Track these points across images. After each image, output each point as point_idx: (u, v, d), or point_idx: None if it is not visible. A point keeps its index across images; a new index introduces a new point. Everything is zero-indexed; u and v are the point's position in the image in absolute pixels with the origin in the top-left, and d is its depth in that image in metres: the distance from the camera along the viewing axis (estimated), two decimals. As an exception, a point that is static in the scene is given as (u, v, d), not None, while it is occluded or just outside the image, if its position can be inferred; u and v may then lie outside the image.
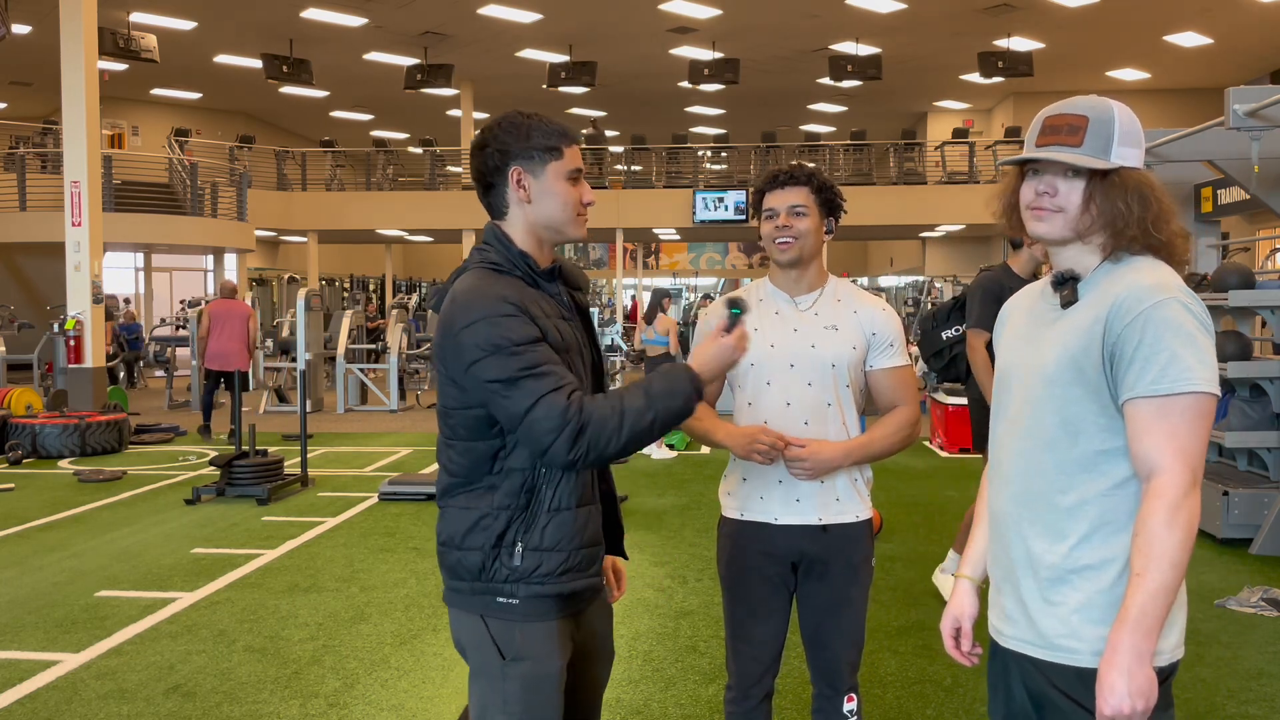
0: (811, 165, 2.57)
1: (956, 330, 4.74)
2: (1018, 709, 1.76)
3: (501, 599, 1.93)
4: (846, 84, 19.50)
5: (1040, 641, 1.69)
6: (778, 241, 2.49)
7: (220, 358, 10.72)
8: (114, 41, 14.79)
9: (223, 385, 11.18)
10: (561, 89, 19.05)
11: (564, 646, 1.99)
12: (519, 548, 1.92)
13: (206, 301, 15.77)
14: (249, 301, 15.24)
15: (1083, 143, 1.68)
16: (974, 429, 4.69)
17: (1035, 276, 4.62)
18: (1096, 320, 1.64)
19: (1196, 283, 6.66)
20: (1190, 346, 1.57)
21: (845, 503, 2.50)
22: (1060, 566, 1.67)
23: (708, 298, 20.89)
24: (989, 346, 4.48)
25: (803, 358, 2.48)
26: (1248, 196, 6.67)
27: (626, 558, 2.30)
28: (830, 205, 2.53)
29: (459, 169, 24.39)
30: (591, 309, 2.11)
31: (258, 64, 18.37)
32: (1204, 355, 1.58)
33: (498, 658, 1.94)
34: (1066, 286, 1.73)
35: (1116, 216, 1.67)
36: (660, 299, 10.32)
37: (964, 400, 8.80)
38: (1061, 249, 1.74)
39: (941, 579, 4.85)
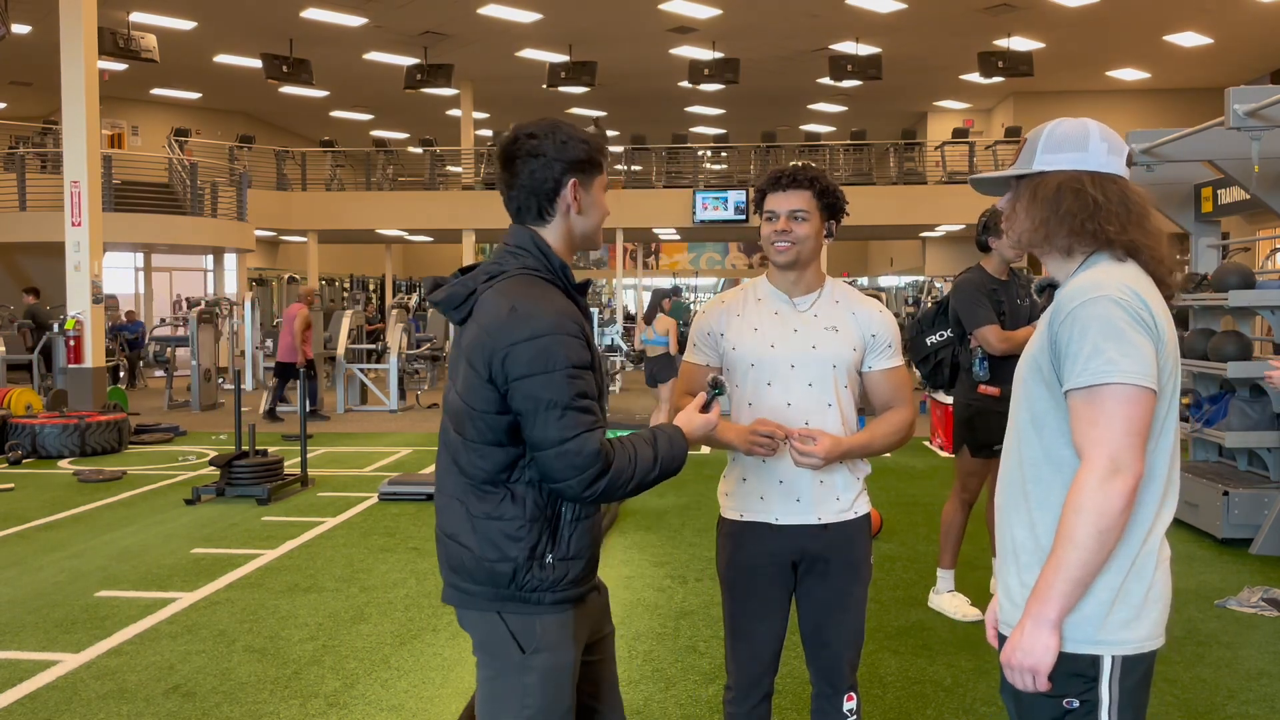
0: (816, 167, 2.56)
1: (941, 335, 4.72)
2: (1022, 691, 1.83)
3: (527, 600, 1.98)
4: (846, 84, 19.50)
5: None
6: (776, 245, 2.50)
7: (281, 351, 12.69)
8: (114, 41, 14.78)
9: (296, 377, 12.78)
10: (561, 89, 19.04)
11: (579, 637, 2.06)
12: (549, 559, 1.97)
13: (204, 302, 15.81)
14: (249, 301, 15.28)
15: (1015, 163, 1.86)
16: (956, 430, 4.69)
17: (1014, 273, 4.63)
18: (1047, 321, 1.76)
19: (1196, 283, 6.66)
20: (1115, 340, 1.64)
21: (844, 500, 2.51)
22: (1035, 553, 1.76)
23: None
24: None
25: (804, 358, 2.48)
26: (1248, 196, 6.67)
27: None
28: (832, 208, 2.53)
29: (459, 169, 24.39)
30: (591, 309, 2.18)
31: (258, 64, 18.36)
32: (1131, 348, 1.64)
33: (517, 652, 1.98)
34: (1045, 293, 1.88)
35: (1046, 216, 1.78)
36: (660, 299, 10.27)
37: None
38: (1042, 258, 1.86)
39: (937, 600, 4.83)
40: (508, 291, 1.95)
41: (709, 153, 23.86)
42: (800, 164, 2.56)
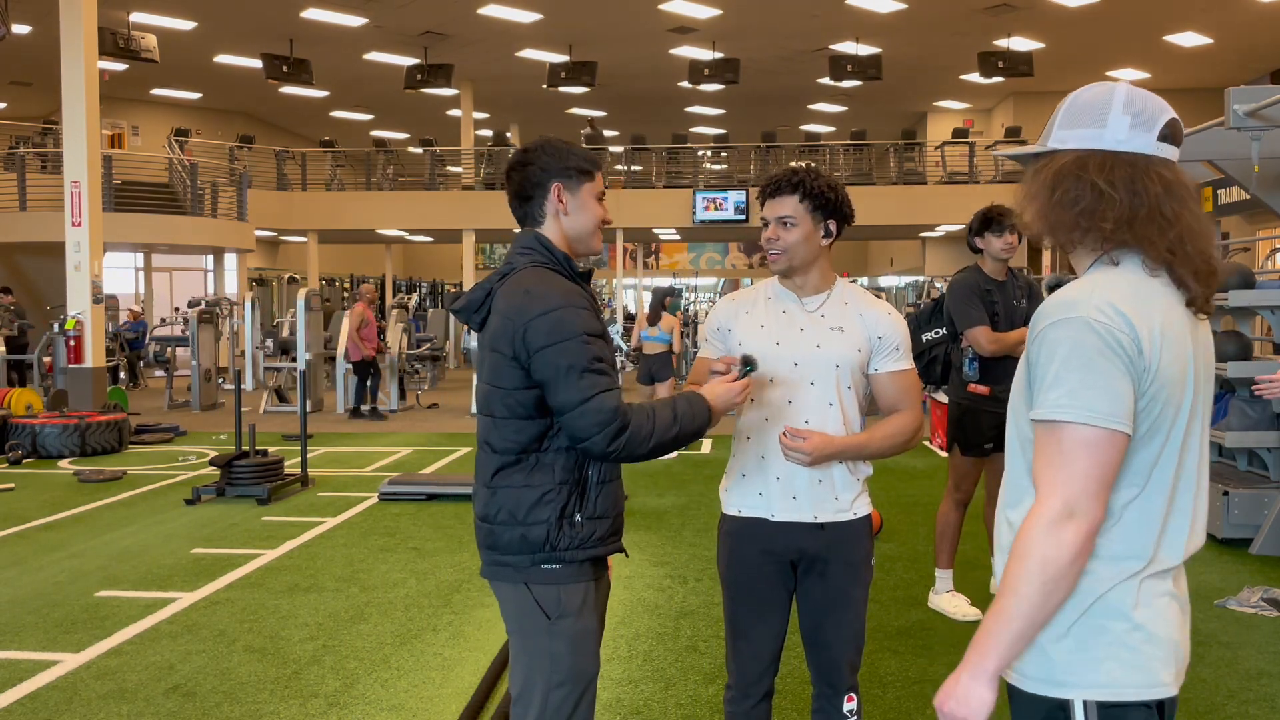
0: (810, 168, 2.53)
1: (936, 333, 4.74)
2: None
3: (547, 565, 2.16)
4: (846, 84, 19.50)
5: None
6: (769, 253, 2.52)
7: (350, 351, 12.57)
8: (114, 41, 14.78)
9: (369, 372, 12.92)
10: (561, 89, 19.05)
11: (598, 607, 2.27)
12: (578, 518, 2.17)
13: (202, 303, 15.80)
14: (249, 301, 15.26)
15: (1040, 138, 1.63)
16: (948, 429, 4.71)
17: (1012, 273, 4.64)
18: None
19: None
20: (1080, 371, 1.43)
21: (843, 500, 2.51)
22: None
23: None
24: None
25: (807, 357, 2.49)
26: (1248, 196, 6.67)
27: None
28: (826, 209, 2.49)
29: (459, 169, 24.39)
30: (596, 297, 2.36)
31: (258, 64, 18.37)
32: (1098, 381, 1.42)
33: (543, 619, 2.16)
34: (1051, 295, 1.70)
35: (1043, 205, 1.57)
36: (662, 298, 10.30)
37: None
38: (1069, 254, 1.63)
39: (937, 600, 4.83)
40: (521, 281, 2.17)
41: (709, 153, 23.86)
42: (794, 166, 2.54)
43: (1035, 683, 1.52)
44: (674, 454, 9.55)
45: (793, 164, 2.63)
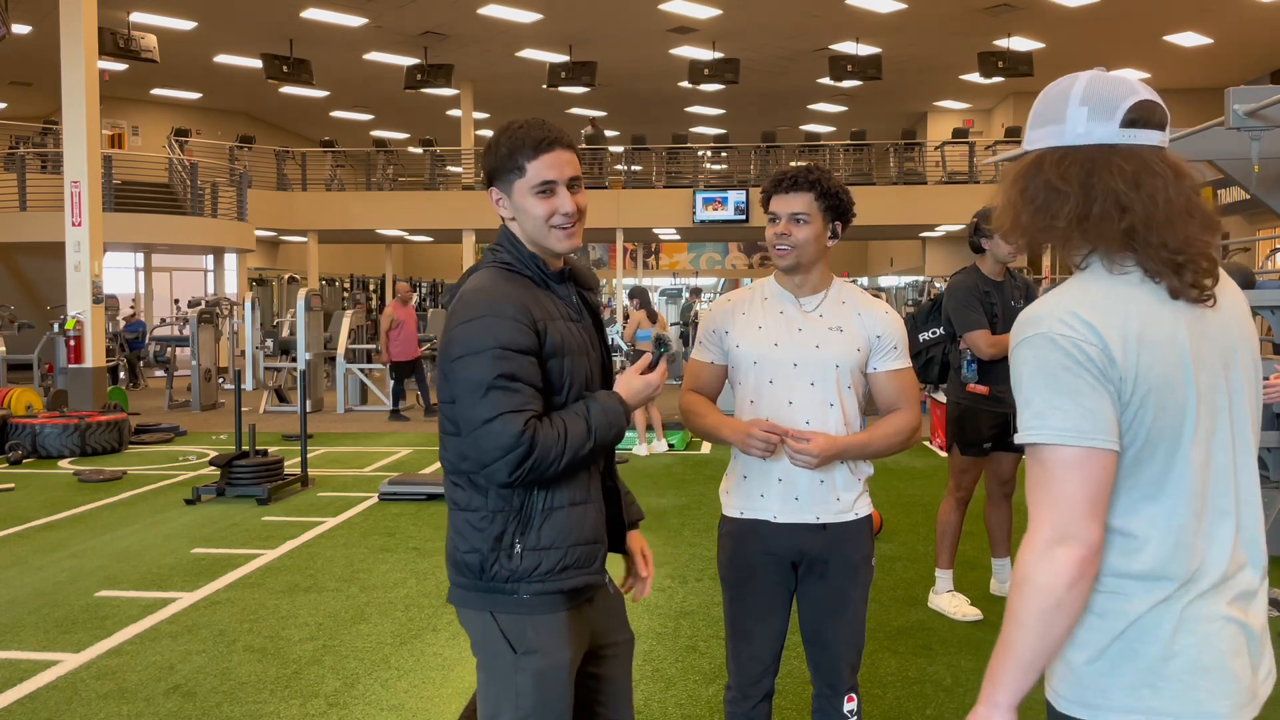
0: (821, 168, 2.53)
1: (934, 333, 4.73)
2: None
3: (515, 595, 1.97)
4: (846, 84, 19.51)
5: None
6: (776, 248, 2.50)
7: (392, 351, 12.47)
8: (114, 41, 14.80)
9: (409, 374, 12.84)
10: (561, 89, 19.06)
11: (575, 639, 2.04)
12: (517, 548, 1.95)
13: (202, 303, 15.78)
14: (249, 301, 15.26)
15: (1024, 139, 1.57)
16: (948, 428, 4.71)
17: (1010, 273, 4.64)
18: None
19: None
20: (1048, 390, 1.38)
21: (845, 501, 2.50)
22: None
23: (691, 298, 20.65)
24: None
25: (806, 358, 2.48)
26: (1248, 196, 6.68)
27: (628, 552, 2.36)
28: (836, 210, 2.50)
29: (459, 169, 24.40)
30: (579, 295, 2.20)
31: (258, 64, 18.38)
32: (1067, 399, 1.37)
33: (509, 651, 1.97)
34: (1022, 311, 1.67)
35: (1008, 211, 1.51)
36: (642, 296, 10.46)
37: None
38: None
39: (936, 600, 4.84)
40: (464, 286, 2.03)
41: (709, 153, 23.86)
42: (806, 165, 2.54)
43: (1069, 704, 1.48)
44: (672, 452, 9.55)
45: (797, 163, 2.61)
